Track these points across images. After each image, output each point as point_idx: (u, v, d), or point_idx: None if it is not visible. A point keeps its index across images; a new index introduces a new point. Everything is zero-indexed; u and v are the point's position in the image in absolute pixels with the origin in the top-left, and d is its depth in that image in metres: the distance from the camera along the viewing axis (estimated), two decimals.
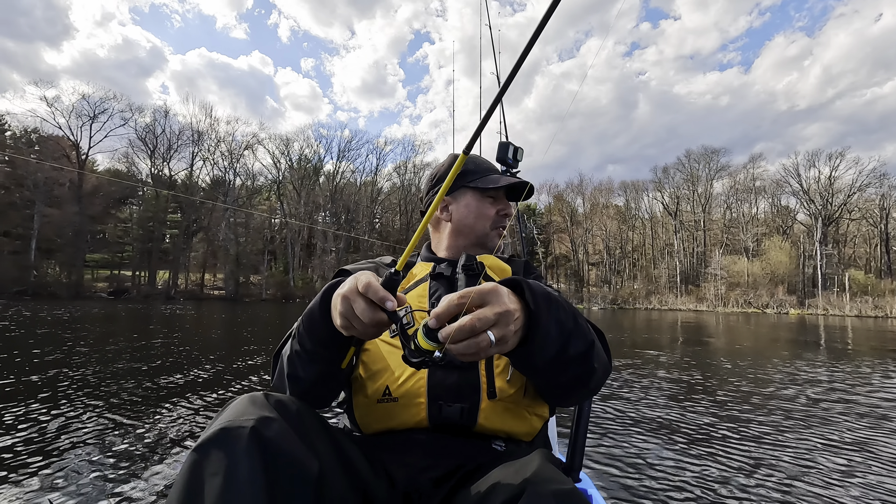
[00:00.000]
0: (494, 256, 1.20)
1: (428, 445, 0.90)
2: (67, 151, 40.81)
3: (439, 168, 1.27)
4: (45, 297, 29.46)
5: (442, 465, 0.87)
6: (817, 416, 3.96)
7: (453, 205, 1.22)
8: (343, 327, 0.72)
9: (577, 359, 0.81)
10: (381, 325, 0.69)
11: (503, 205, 1.23)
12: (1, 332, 8.77)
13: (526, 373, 0.85)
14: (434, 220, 1.26)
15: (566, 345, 0.78)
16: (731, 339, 11.89)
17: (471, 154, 1.20)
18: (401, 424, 0.93)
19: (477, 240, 1.20)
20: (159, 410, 3.62)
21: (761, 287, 43.51)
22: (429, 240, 1.31)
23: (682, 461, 2.78)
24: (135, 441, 2.89)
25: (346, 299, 0.70)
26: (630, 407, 4.09)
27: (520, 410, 0.95)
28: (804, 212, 50.65)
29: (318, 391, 0.90)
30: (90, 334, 8.84)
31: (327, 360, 0.85)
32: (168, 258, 44.51)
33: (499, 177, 1.20)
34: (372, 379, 0.96)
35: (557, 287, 50.88)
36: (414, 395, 0.92)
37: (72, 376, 4.71)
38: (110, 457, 2.60)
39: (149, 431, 3.10)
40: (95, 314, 15.50)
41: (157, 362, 5.78)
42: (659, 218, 59.23)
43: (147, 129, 44.10)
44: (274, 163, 51.00)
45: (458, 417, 0.91)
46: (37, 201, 35.62)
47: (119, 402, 3.80)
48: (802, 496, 2.35)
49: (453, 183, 1.13)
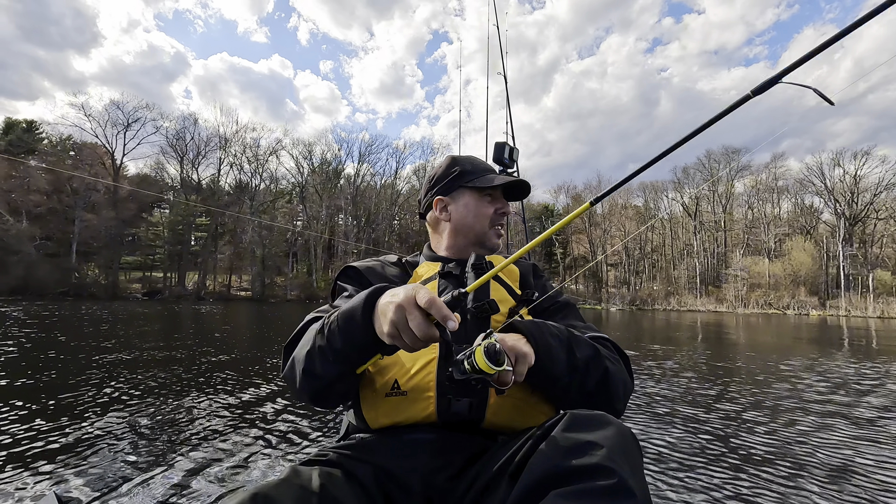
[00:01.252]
0: (501, 257, 1.24)
1: (436, 445, 0.91)
2: (103, 158, 42.76)
3: (437, 170, 1.30)
4: (85, 298, 30.99)
5: (454, 462, 0.88)
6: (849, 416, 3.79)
7: (452, 205, 1.23)
8: (390, 335, 0.72)
9: (589, 362, 0.92)
10: (431, 341, 0.71)
11: (501, 203, 1.24)
12: (51, 328, 9.74)
13: (545, 387, 0.94)
14: (433, 220, 1.28)
15: (571, 353, 0.91)
16: (747, 340, 12.14)
17: (468, 155, 1.30)
18: (409, 419, 0.93)
19: (476, 239, 1.21)
20: (205, 400, 3.77)
21: (783, 288, 43.03)
22: (428, 240, 1.34)
23: (696, 462, 2.58)
24: (167, 428, 2.99)
25: (402, 309, 0.70)
26: (644, 406, 4.01)
27: (527, 407, 0.97)
28: (829, 211, 49.79)
29: (330, 390, 0.89)
30: (146, 330, 9.74)
31: (351, 362, 0.84)
32: (197, 260, 46.15)
33: (495, 176, 1.21)
34: (381, 373, 0.96)
35: (575, 288, 49.96)
36: (423, 389, 0.93)
37: (129, 370, 5.13)
38: (143, 443, 2.69)
39: (184, 419, 3.21)
40: (138, 313, 16.57)
41: (205, 358, 6.17)
42: (679, 219, 58.81)
43: (177, 136, 45.94)
44: (297, 167, 52.45)
45: (467, 412, 0.92)
46: (77, 207, 37.45)
47: (166, 392, 4.01)
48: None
49: (451, 183, 1.23)
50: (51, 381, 4.36)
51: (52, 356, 5.97)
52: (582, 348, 0.94)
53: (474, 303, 1.04)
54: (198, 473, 2.22)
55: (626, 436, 0.70)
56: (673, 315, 32.35)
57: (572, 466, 0.63)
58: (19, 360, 5.66)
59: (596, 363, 0.94)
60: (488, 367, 0.68)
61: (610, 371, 0.95)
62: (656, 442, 2.96)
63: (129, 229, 45.01)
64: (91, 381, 4.46)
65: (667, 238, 58.96)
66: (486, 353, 0.69)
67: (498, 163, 1.56)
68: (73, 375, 4.73)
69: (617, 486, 0.61)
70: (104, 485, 2.05)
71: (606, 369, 0.94)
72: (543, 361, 0.87)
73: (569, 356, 0.91)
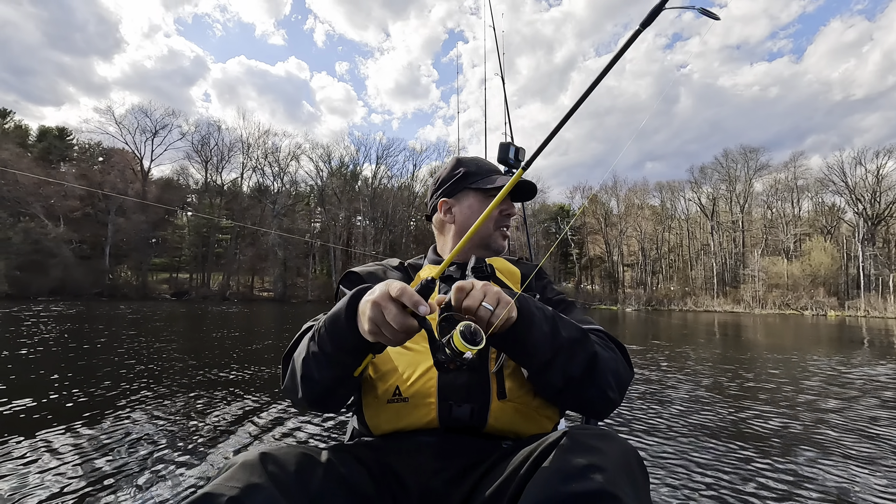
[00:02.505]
0: (503, 259, 1.23)
1: (438, 447, 0.91)
2: (132, 164, 44.47)
3: (442, 172, 1.28)
4: (118, 298, 32.44)
5: (453, 466, 0.88)
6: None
7: (456, 207, 1.22)
8: (371, 332, 0.73)
9: (574, 343, 0.89)
10: (410, 332, 0.71)
11: (506, 205, 1.22)
12: (109, 326, 10.63)
13: (528, 360, 0.89)
14: (438, 222, 1.27)
15: (556, 329, 0.88)
16: (763, 339, 12.15)
17: (473, 156, 1.28)
18: (410, 425, 0.93)
19: (481, 240, 1.20)
20: (237, 395, 4.08)
21: (801, 289, 42.72)
22: (434, 242, 1.33)
23: (705, 467, 2.57)
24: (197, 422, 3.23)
25: (377, 305, 0.71)
26: (649, 408, 3.99)
27: (529, 412, 0.96)
28: (851, 210, 49.05)
29: (331, 395, 0.90)
30: (183, 328, 10.60)
31: (345, 365, 0.85)
32: (221, 262, 47.59)
33: (501, 177, 1.21)
34: (382, 379, 0.96)
35: (591, 289, 49.77)
36: (424, 395, 0.93)
37: (162, 365, 5.62)
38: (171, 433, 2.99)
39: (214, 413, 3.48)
40: (171, 312, 17.61)
41: (236, 353, 6.67)
42: (696, 219, 58.52)
43: (202, 141, 47.50)
44: (316, 170, 53.66)
45: (469, 418, 0.92)
46: (110, 212, 39.08)
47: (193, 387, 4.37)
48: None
49: (456, 185, 1.22)
50: (109, 374, 4.95)
51: (122, 350, 6.73)
52: (568, 329, 0.91)
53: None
54: (205, 458, 2.47)
55: (629, 456, 0.69)
56: (689, 315, 32.38)
57: (572, 493, 0.61)
58: (86, 355, 6.41)
59: (582, 346, 0.91)
60: (464, 347, 0.69)
61: (599, 356, 0.92)
62: (679, 449, 2.89)
63: (157, 232, 46.65)
64: (154, 374, 5.08)
65: (684, 238, 58.72)
66: (463, 335, 0.70)
67: (503, 163, 1.52)
68: (140, 369, 5.36)
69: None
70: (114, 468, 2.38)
71: (595, 353, 0.91)
72: (524, 325, 0.85)
73: (553, 332, 0.88)
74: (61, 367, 5.15)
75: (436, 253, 1.30)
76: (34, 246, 31.85)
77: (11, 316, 12.53)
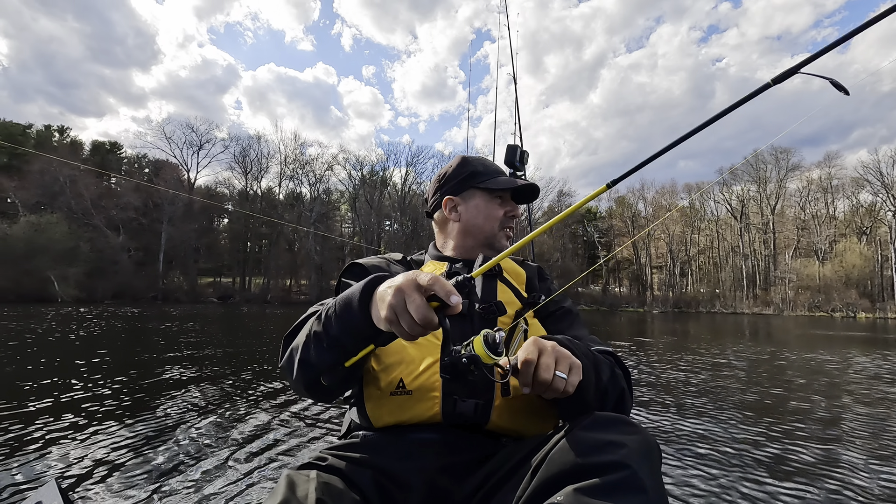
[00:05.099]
0: (509, 259, 1.23)
1: (440, 445, 0.92)
2: (181, 175, 47.63)
3: (447, 169, 1.28)
4: (171, 302, 34.72)
5: (459, 463, 0.89)
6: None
7: (462, 205, 1.23)
8: (388, 320, 0.70)
9: (609, 382, 0.93)
10: (428, 327, 0.68)
11: (511, 206, 1.23)
12: (166, 321, 11.74)
13: (565, 401, 0.86)
14: (441, 219, 1.28)
15: (598, 374, 0.91)
16: (763, 340, 12.43)
17: (479, 156, 1.32)
18: (413, 418, 0.93)
19: (485, 240, 1.21)
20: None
21: (833, 291, 42.07)
22: (434, 239, 1.34)
23: (708, 472, 2.45)
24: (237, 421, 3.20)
25: (401, 292, 0.69)
26: (653, 413, 3.84)
27: (533, 411, 0.97)
28: (887, 210, 47.97)
29: (325, 381, 0.87)
30: (241, 328, 11.62)
31: (345, 350, 0.83)
32: (260, 266, 50.18)
33: (508, 178, 1.23)
34: (386, 371, 0.96)
35: (619, 291, 49.52)
36: (428, 388, 0.92)
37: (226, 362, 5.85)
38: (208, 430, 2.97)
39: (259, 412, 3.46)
40: (224, 314, 18.90)
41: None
42: (726, 220, 58.01)
43: (243, 153, 50.34)
44: (349, 177, 55.78)
45: (472, 413, 0.92)
46: (164, 221, 41.99)
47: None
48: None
49: (462, 183, 1.24)
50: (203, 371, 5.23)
51: (214, 346, 7.63)
52: (604, 369, 0.93)
53: (481, 304, 1.06)
54: (225, 461, 2.43)
55: (649, 441, 0.70)
56: (717, 317, 32.31)
57: (591, 463, 0.64)
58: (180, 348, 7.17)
59: (613, 384, 0.94)
60: (485, 354, 0.67)
61: (625, 392, 0.96)
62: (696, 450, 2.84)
63: (202, 239, 49.60)
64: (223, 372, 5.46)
65: (714, 240, 58.30)
66: (486, 340, 0.68)
67: (509, 165, 1.55)
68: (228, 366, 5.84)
69: (633, 483, 0.62)
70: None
71: (623, 390, 0.95)
72: (582, 384, 0.83)
73: (597, 378, 0.89)
74: (133, 361, 5.65)
75: (437, 249, 1.31)
76: (98, 254, 34.69)
77: (83, 317, 13.84)
